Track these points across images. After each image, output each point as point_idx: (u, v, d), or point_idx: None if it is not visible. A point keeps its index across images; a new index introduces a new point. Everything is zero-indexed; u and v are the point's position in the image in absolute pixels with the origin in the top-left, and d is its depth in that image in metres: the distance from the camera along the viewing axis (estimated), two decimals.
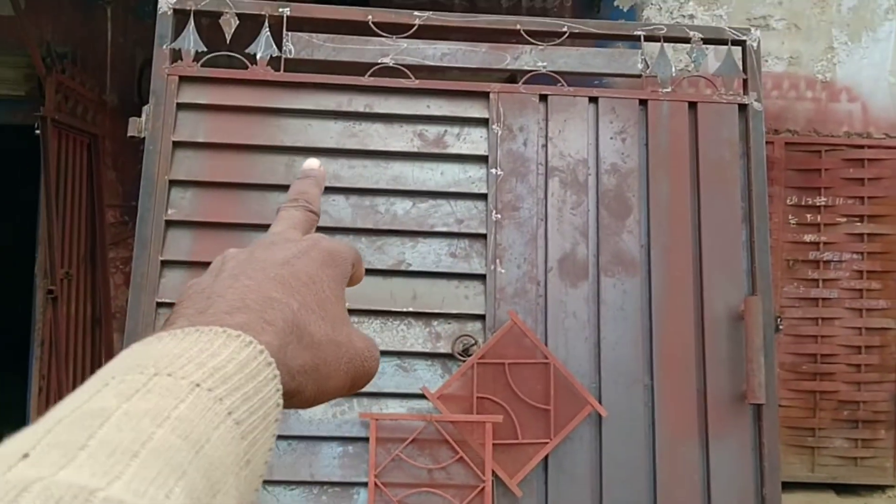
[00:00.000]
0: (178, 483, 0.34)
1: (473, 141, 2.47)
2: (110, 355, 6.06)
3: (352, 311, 2.33)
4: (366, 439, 2.30)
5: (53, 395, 5.77)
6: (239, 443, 0.39)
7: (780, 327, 6.78)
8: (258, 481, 0.42)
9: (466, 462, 2.28)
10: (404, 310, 2.37)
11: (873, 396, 7.75)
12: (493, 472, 2.27)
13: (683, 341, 2.38)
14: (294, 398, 0.47)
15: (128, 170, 6.20)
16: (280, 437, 2.30)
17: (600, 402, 2.33)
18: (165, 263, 2.32)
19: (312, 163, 0.64)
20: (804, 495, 7.13)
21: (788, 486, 3.44)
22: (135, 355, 0.41)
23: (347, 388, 0.53)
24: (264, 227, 1.99)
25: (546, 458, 2.32)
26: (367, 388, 2.04)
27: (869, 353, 7.39)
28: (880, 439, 7.71)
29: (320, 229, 0.62)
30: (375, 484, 2.26)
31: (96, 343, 6.21)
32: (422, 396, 2.34)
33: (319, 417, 2.32)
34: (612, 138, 2.50)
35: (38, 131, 4.82)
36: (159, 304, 2.30)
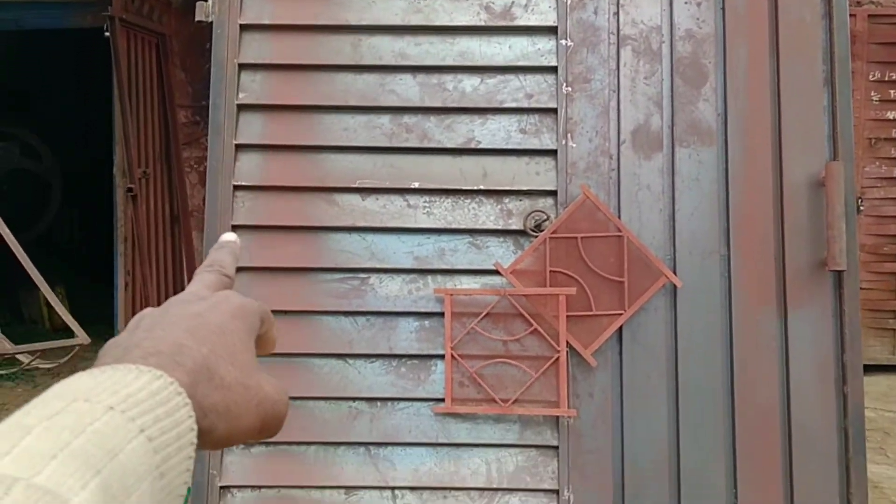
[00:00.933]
0: (94, 479, 0.40)
1: (542, 12, 2.40)
2: (190, 252, 6.27)
3: (422, 191, 2.35)
4: (441, 314, 2.35)
5: (139, 290, 6.03)
6: (152, 456, 0.44)
7: (861, 208, 6.57)
8: (175, 500, 0.46)
9: (541, 334, 2.32)
10: (475, 188, 2.38)
11: None
12: (568, 342, 2.30)
13: (761, 210, 2.33)
14: (206, 436, 0.51)
15: (196, 70, 6.25)
16: (358, 313, 2.37)
17: (675, 274, 2.32)
18: (239, 147, 2.36)
19: (229, 236, 0.69)
20: (885, 378, 7.05)
21: (869, 370, 3.41)
22: (56, 389, 0.46)
23: (258, 430, 0.57)
24: (333, 109, 2.00)
25: (620, 329, 2.33)
26: (440, 266, 2.07)
27: None
28: None
29: (392, 110, 0.62)
30: (452, 356, 2.32)
31: (176, 240, 6.42)
32: (495, 272, 2.36)
33: (396, 294, 2.37)
34: (686, 3, 2.40)
35: (107, 33, 4.87)
36: (236, 188, 2.35)
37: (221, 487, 2.31)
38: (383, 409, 2.36)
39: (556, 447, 2.33)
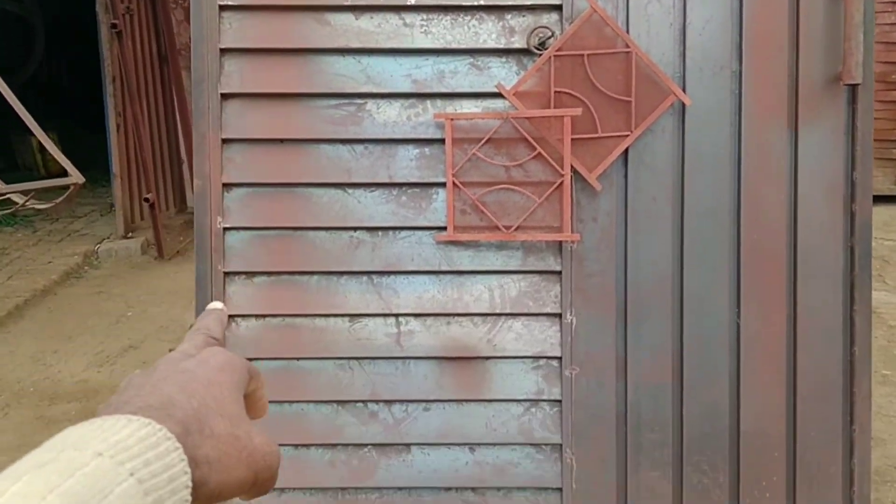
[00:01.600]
0: None
1: None
2: (180, 91, 6.12)
3: (419, 8, 2.22)
4: (441, 140, 2.28)
5: (131, 131, 5.93)
6: (143, 497, 0.45)
7: None
8: None
9: (544, 158, 2.25)
10: (475, 3, 2.24)
11: None
12: (572, 166, 2.24)
13: (775, 21, 2.21)
14: (199, 489, 0.51)
15: None
16: (356, 141, 2.29)
17: (684, 91, 2.23)
18: None
19: (215, 304, 0.72)
20: (886, 208, 7.07)
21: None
22: (47, 443, 0.47)
23: (251, 484, 0.57)
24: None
25: (626, 151, 2.27)
26: (439, 90, 1.98)
27: None
28: None
29: None
30: (454, 183, 2.27)
31: (166, 79, 6.26)
32: (497, 95, 2.27)
33: (394, 120, 2.29)
34: None
35: None
36: (222, 8, 2.22)
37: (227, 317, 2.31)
38: (385, 239, 2.33)
39: (559, 272, 2.32)
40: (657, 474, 2.33)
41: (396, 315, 2.34)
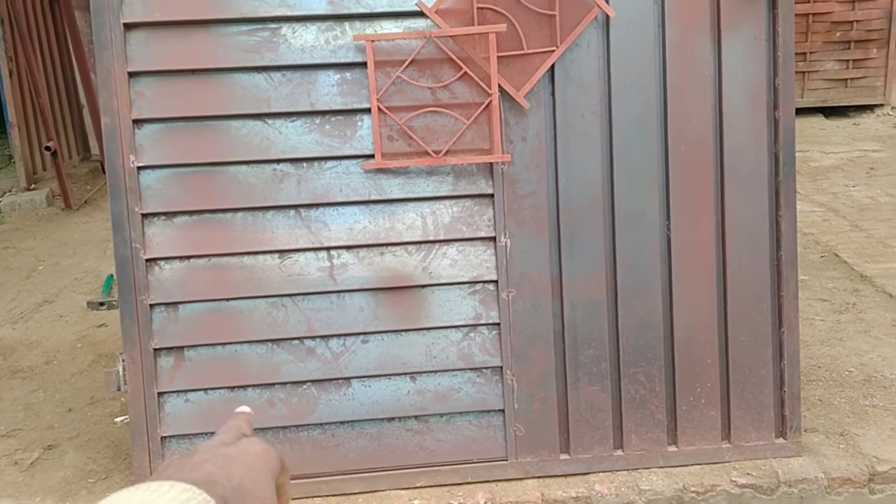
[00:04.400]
0: None
1: None
2: (75, 35, 5.77)
3: None
4: (363, 64, 2.19)
5: (24, 76, 5.58)
6: None
7: None
8: None
9: (471, 78, 2.19)
10: None
11: (867, 15, 7.57)
12: (500, 85, 2.19)
13: None
14: None
15: None
16: (272, 68, 2.19)
17: (607, 3, 2.19)
18: None
19: (243, 409, 0.72)
20: (799, 120, 7.26)
21: None
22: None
23: None
24: None
25: (552, 67, 2.22)
26: (357, 10, 1.88)
27: None
28: (872, 58, 7.67)
29: None
30: (379, 108, 2.19)
31: (58, 21, 5.88)
32: (419, 14, 2.19)
33: (311, 44, 2.18)
34: None
35: None
36: None
37: (147, 260, 2.21)
38: (310, 170, 2.25)
39: (492, 195, 2.29)
40: (596, 388, 2.37)
41: (328, 248, 2.27)
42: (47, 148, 5.71)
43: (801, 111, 7.60)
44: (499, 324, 2.33)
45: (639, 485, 2.32)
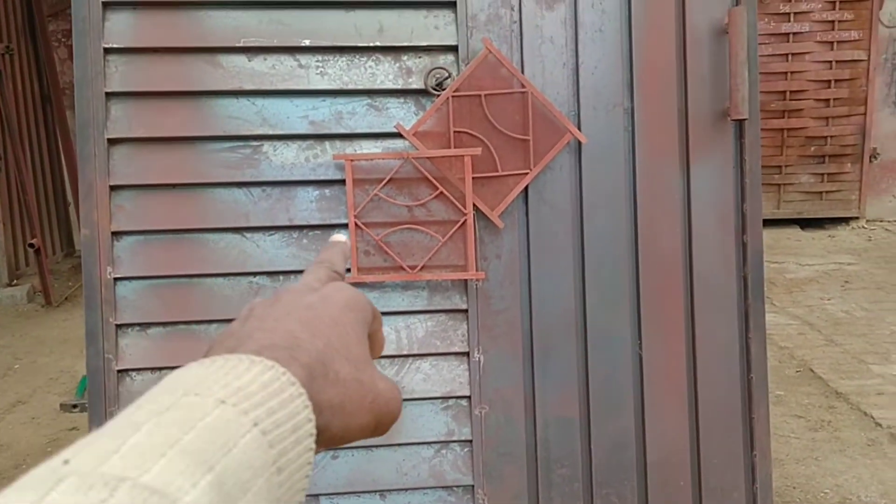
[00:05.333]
0: (205, 476, 0.38)
1: None
2: (65, 132, 5.87)
3: (314, 49, 2.19)
4: (342, 181, 2.24)
5: (13, 175, 5.65)
6: (267, 450, 0.42)
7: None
8: (296, 496, 0.45)
9: (447, 197, 2.25)
10: (371, 44, 2.23)
11: (841, 130, 7.84)
12: (474, 205, 2.24)
13: (664, 60, 2.28)
14: (321, 434, 0.49)
15: None
16: (253, 184, 2.24)
17: (580, 129, 2.27)
18: (107, 5, 2.13)
19: (339, 236, 0.69)
20: (769, 232, 7.39)
21: None
22: (165, 382, 0.45)
23: (372, 429, 0.55)
24: None
25: (526, 189, 2.28)
26: (338, 130, 1.95)
27: (838, 87, 7.38)
28: (846, 172, 7.90)
29: None
30: (356, 224, 2.23)
31: (49, 120, 6.00)
32: (397, 135, 2.26)
33: (292, 162, 2.24)
34: None
35: None
36: (107, 51, 2.13)
37: (119, 371, 2.20)
38: (286, 283, 2.27)
39: (466, 310, 2.31)
40: None
41: None
42: (31, 245, 5.73)
43: (777, 222, 7.76)
44: (471, 441, 2.31)
45: None
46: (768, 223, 7.03)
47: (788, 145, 7.62)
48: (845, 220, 7.90)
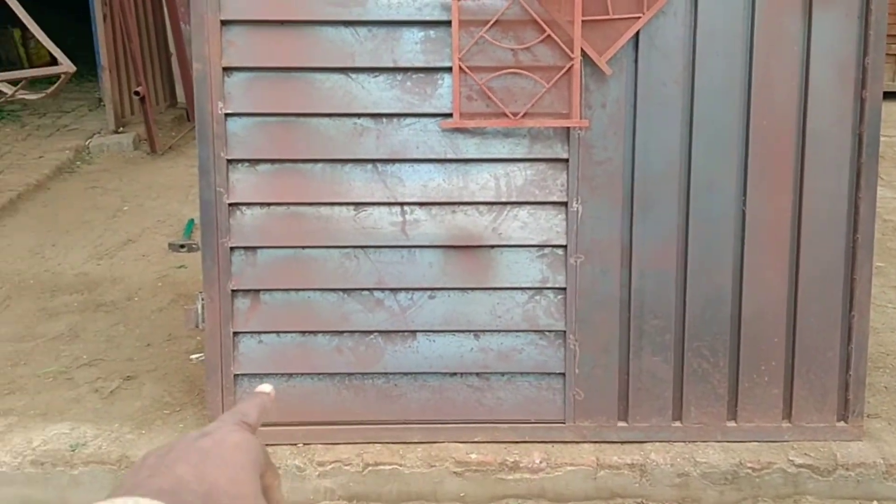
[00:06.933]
0: None
1: None
2: None
3: None
4: (447, 22, 2.21)
5: (118, 20, 5.76)
6: None
7: None
8: None
9: (554, 41, 2.20)
10: None
11: None
12: (582, 50, 2.19)
13: None
14: None
15: None
16: (359, 23, 2.23)
17: None
18: None
19: (264, 387, 0.69)
20: (886, 104, 6.99)
21: None
22: None
23: None
24: None
25: (637, 34, 2.21)
26: None
27: None
28: None
29: None
30: (460, 68, 2.22)
31: None
32: None
33: (398, 1, 2.21)
34: None
35: None
36: None
37: (230, 204, 2.30)
38: (389, 126, 2.30)
39: (566, 160, 2.30)
40: (659, 359, 2.38)
41: (401, 203, 2.32)
42: (136, 93, 5.89)
43: (892, 95, 7.31)
44: (565, 288, 2.35)
45: (695, 457, 2.34)
46: (886, 95, 6.65)
47: None
48: None
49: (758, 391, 2.38)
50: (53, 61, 3.79)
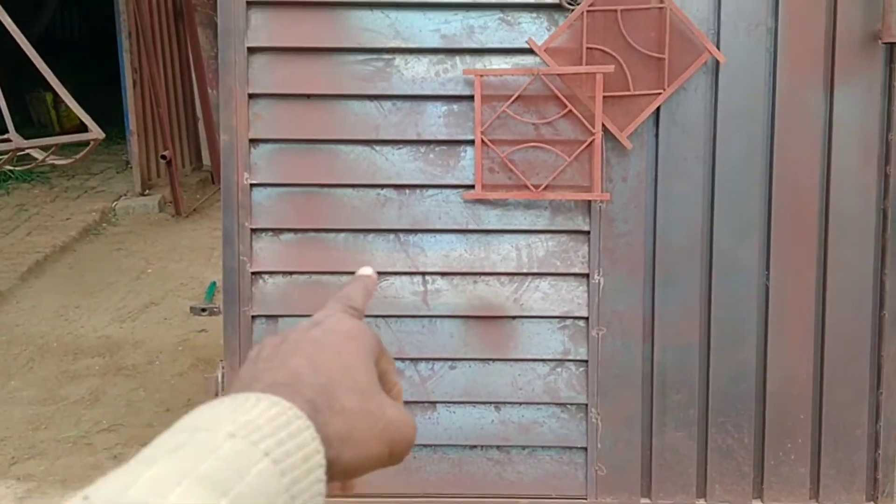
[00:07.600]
0: (220, 501, 0.40)
1: None
2: (196, 48, 6.07)
3: None
4: (470, 97, 2.25)
5: (147, 87, 5.90)
6: (279, 479, 0.44)
7: None
8: None
9: (575, 116, 2.22)
10: None
11: None
12: (603, 125, 2.21)
13: None
14: (333, 466, 0.50)
15: None
16: (384, 97, 2.27)
17: (718, 49, 2.19)
18: None
19: (365, 270, 0.69)
20: None
21: None
22: (177, 423, 0.47)
23: (387, 457, 0.56)
24: None
25: (658, 109, 2.23)
26: (468, 45, 1.95)
27: None
28: None
29: None
30: (482, 141, 2.24)
31: (181, 34, 6.21)
32: (527, 51, 2.23)
33: (422, 76, 2.26)
34: None
35: None
36: None
37: (253, 273, 2.31)
38: (412, 196, 2.32)
39: (588, 232, 2.30)
40: (682, 435, 2.34)
41: (423, 273, 2.33)
42: (163, 156, 6.01)
43: None
44: (587, 361, 2.33)
45: None
46: None
47: None
48: None
49: (784, 469, 2.33)
50: (83, 125, 3.88)
